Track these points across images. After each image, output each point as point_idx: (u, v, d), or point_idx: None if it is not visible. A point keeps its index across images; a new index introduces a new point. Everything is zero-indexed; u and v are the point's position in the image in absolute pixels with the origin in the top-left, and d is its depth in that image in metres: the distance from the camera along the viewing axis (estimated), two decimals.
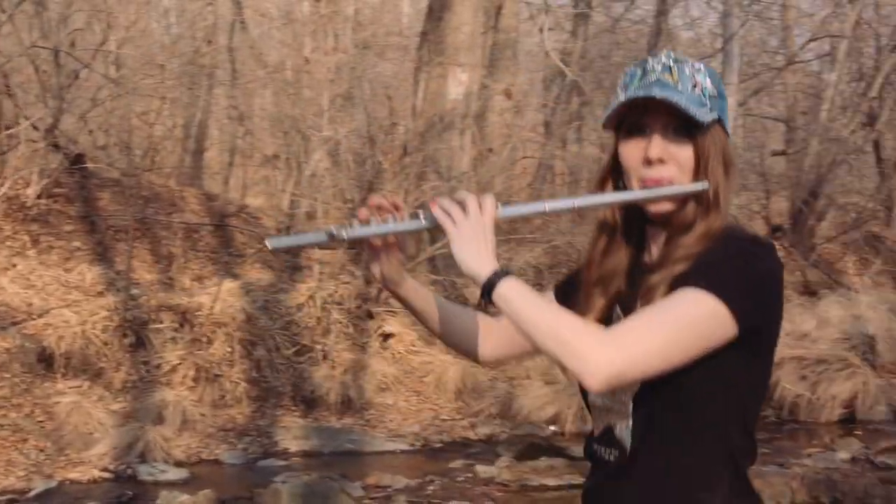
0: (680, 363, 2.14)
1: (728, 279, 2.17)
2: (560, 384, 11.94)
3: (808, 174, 18.86)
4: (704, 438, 2.26)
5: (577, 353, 2.09)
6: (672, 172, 2.29)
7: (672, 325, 2.13)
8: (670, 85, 2.27)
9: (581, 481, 7.12)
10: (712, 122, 2.29)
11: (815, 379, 12.29)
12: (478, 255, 2.23)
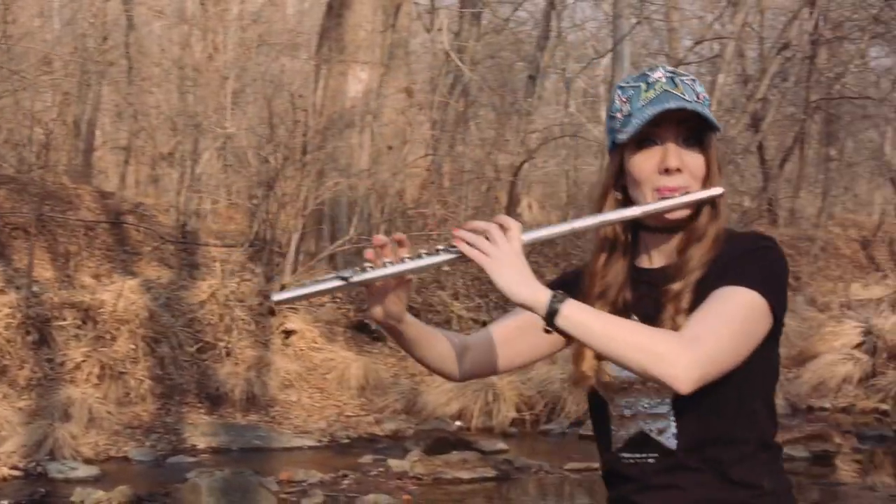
0: (745, 356, 2.22)
1: (759, 275, 2.26)
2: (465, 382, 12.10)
3: None
4: (744, 426, 2.34)
5: (665, 360, 2.12)
6: (687, 181, 2.32)
7: (735, 323, 2.20)
8: (678, 96, 2.31)
9: (492, 474, 7.26)
10: (716, 131, 2.38)
11: None
12: (524, 282, 2.20)
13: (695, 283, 2.29)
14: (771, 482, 2.34)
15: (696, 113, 2.28)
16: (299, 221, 13.17)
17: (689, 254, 2.34)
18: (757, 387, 2.34)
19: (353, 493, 9.00)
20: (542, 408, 12.16)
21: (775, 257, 2.31)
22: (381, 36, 14.39)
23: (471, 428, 11.67)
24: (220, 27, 16.03)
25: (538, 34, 20.77)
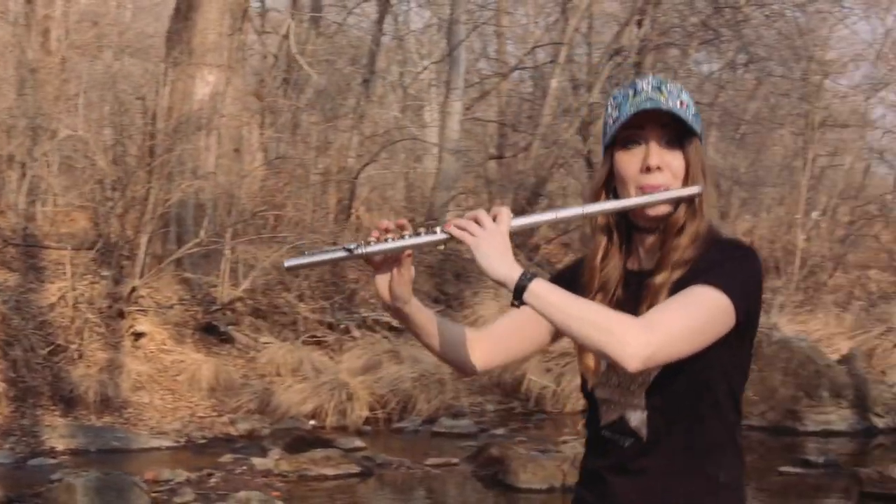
0: (698, 348, 2.45)
1: (730, 278, 2.49)
2: (318, 380, 12.43)
3: (530, 176, 20.00)
4: (709, 420, 2.59)
5: (618, 339, 2.34)
6: (667, 179, 2.58)
7: (693, 315, 2.44)
8: (662, 102, 2.57)
9: (356, 470, 7.61)
10: (697, 135, 2.62)
11: (560, 371, 13.22)
12: (502, 262, 2.46)
13: (675, 281, 2.55)
14: (726, 475, 2.64)
15: (675, 116, 2.56)
16: (147, 224, 13.26)
17: (669, 247, 2.59)
18: (724, 385, 2.61)
19: (223, 491, 9.18)
20: (394, 406, 12.53)
21: (750, 265, 2.56)
22: (228, 39, 14.56)
23: (325, 426, 11.92)
24: (55, 27, 15.99)
25: (372, 38, 21.15)
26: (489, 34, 23.78)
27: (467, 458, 10.70)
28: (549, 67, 21.91)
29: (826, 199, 22.53)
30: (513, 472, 9.68)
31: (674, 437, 2.60)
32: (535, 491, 9.51)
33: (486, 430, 12.11)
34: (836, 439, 12.23)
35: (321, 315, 14.67)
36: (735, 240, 2.68)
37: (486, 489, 9.88)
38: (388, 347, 13.65)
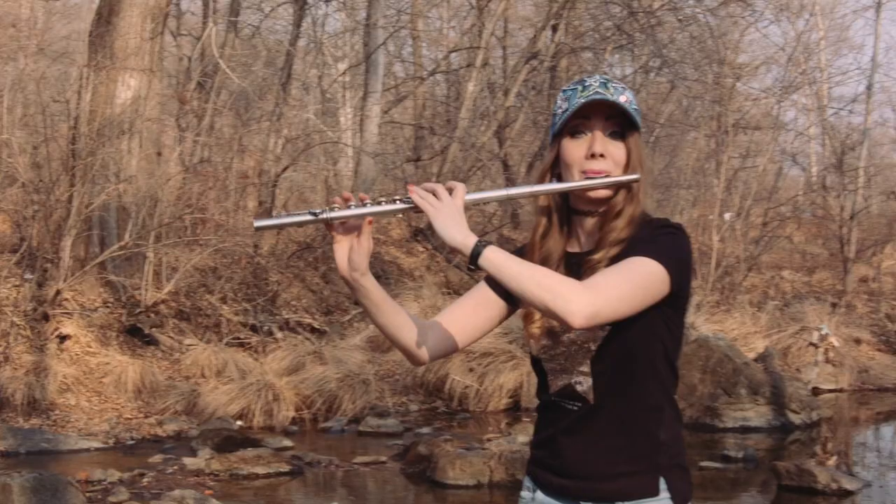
0: (637, 309, 2.72)
1: (664, 250, 2.77)
2: (245, 381, 12.64)
3: (447, 179, 20.28)
4: (649, 383, 2.88)
5: (563, 297, 2.59)
6: (609, 166, 2.86)
7: (631, 279, 2.71)
8: (608, 96, 2.84)
9: (287, 469, 7.85)
10: (638, 130, 2.92)
11: (482, 371, 13.53)
12: (458, 230, 2.69)
13: (611, 257, 2.82)
14: (666, 433, 2.91)
15: (620, 109, 2.84)
16: (71, 228, 13.35)
17: (608, 228, 2.87)
18: (661, 352, 2.88)
19: (157, 490, 9.34)
20: (319, 406, 12.77)
21: (681, 239, 2.84)
22: (149, 43, 14.68)
23: (253, 427, 12.14)
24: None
25: (289, 41, 21.34)
26: (404, 37, 24.06)
27: (395, 456, 10.98)
28: (465, 71, 22.27)
29: (739, 201, 23.02)
30: (441, 468, 9.95)
31: (617, 399, 2.88)
32: (463, 487, 9.77)
33: (412, 430, 12.36)
34: (753, 435, 12.67)
35: (244, 317, 14.84)
36: (666, 220, 2.95)
37: (414, 486, 10.13)
38: (311, 349, 13.87)
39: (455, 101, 24.46)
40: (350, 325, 16.27)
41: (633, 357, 2.85)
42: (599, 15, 22.75)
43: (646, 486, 2.88)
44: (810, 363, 15.91)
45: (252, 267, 15.69)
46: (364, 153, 18.71)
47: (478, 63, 20.84)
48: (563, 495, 2.98)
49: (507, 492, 9.75)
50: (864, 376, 16.49)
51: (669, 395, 2.96)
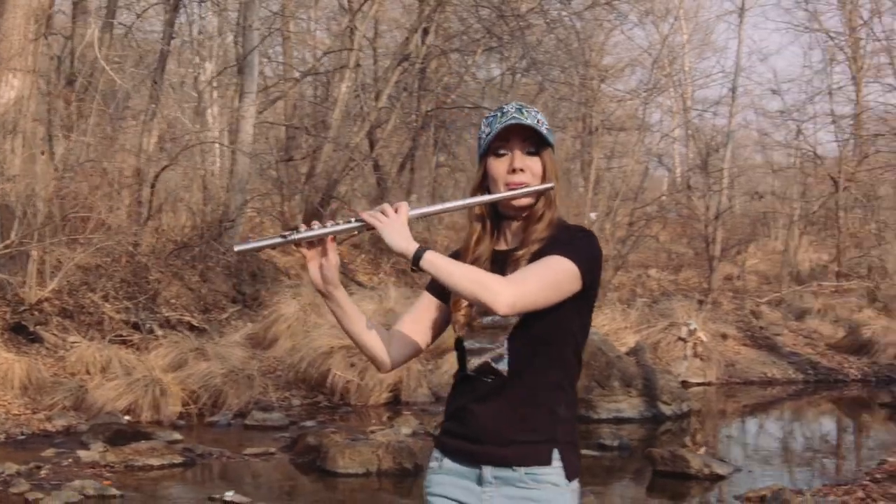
0: (552, 301, 3.24)
1: (577, 251, 3.30)
2: (132, 377, 13.05)
3: (321, 178, 20.87)
4: (556, 364, 3.39)
5: (490, 289, 3.13)
6: (528, 178, 3.40)
7: (547, 275, 3.24)
8: (523, 120, 3.39)
9: (180, 460, 8.37)
10: (550, 146, 3.47)
11: (363, 366, 14.11)
12: (402, 240, 3.22)
13: (533, 252, 3.34)
14: (564, 410, 3.41)
15: (534, 130, 3.40)
16: None
17: (531, 229, 3.41)
18: (569, 339, 3.41)
19: (56, 481, 9.65)
20: (205, 401, 13.24)
21: (593, 243, 3.40)
22: (33, 44, 14.95)
23: (141, 421, 12.50)
24: None
25: (162, 42, 21.62)
26: (274, 38, 24.47)
27: (283, 448, 11.51)
28: (336, 72, 22.83)
29: (606, 201, 23.93)
30: (331, 458, 10.51)
31: (527, 375, 3.37)
32: (353, 475, 10.35)
33: (296, 423, 12.89)
34: (627, 425, 13.48)
35: (126, 315, 15.21)
36: (580, 226, 3.52)
37: (305, 475, 10.62)
38: (193, 346, 14.27)
39: (325, 101, 25.02)
40: (227, 322, 16.76)
41: (545, 341, 3.37)
42: (468, 18, 23.46)
43: (541, 455, 3.36)
44: (679, 357, 16.84)
45: (133, 266, 16.05)
46: (240, 153, 19.12)
47: (351, 64, 21.40)
48: (468, 460, 3.44)
49: (394, 479, 10.41)
50: (730, 370, 17.53)
51: (571, 379, 3.49)
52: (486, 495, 3.41)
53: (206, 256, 17.67)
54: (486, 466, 3.41)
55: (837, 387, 17.60)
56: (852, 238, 28.69)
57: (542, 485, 3.36)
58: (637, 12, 30.92)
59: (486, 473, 3.40)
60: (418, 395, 14.36)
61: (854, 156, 29.06)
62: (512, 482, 3.38)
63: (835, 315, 21.04)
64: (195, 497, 9.68)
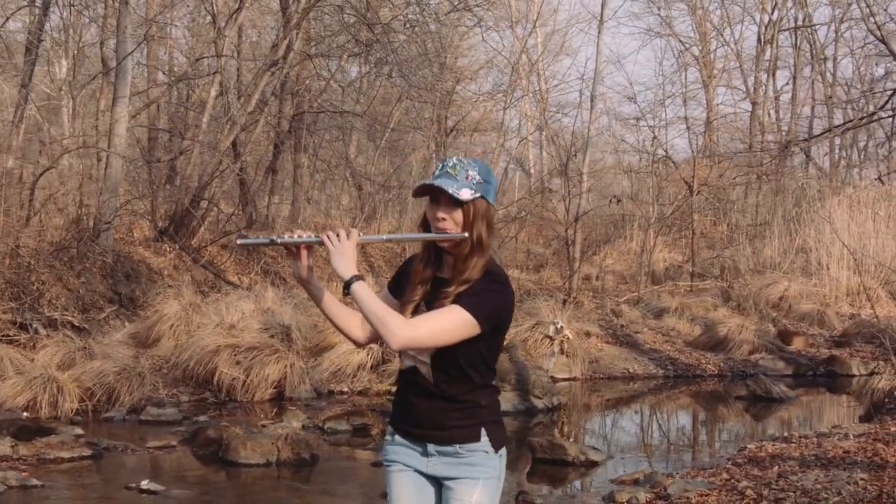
0: (443, 343, 4.14)
1: (482, 306, 4.18)
2: (30, 374, 13.80)
3: (192, 181, 21.70)
4: (471, 374, 4.31)
5: (389, 329, 4.05)
6: (451, 225, 4.26)
7: (442, 324, 4.14)
8: (452, 176, 4.24)
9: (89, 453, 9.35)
10: (473, 199, 4.24)
11: (249, 364, 15.07)
12: (345, 264, 4.17)
13: (458, 294, 4.21)
14: (486, 400, 4.40)
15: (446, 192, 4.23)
16: None
17: (459, 268, 4.29)
18: (480, 359, 4.32)
19: None
20: (100, 398, 14.03)
21: (502, 296, 4.27)
22: None
23: (40, 417, 13.22)
24: None
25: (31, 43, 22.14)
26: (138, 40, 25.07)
27: (183, 441, 12.37)
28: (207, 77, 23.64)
29: None
30: (233, 449, 11.48)
31: (448, 387, 4.33)
32: (255, 465, 11.33)
33: (189, 418, 13.74)
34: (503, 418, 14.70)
35: (12, 315, 15.90)
36: (500, 274, 4.36)
37: (208, 465, 11.49)
38: (79, 345, 15.02)
39: (187, 103, 25.80)
40: (106, 322, 17.53)
41: (458, 362, 4.29)
42: (333, 24, 24.51)
43: (472, 434, 4.35)
44: (547, 354, 18.10)
45: (16, 266, 16.71)
46: (114, 156, 19.81)
47: (219, 69, 22.26)
48: (414, 439, 4.44)
49: (293, 469, 11.45)
50: (594, 366, 18.87)
51: (487, 379, 4.43)
52: (430, 463, 4.42)
53: (83, 257, 18.33)
54: (429, 444, 4.40)
55: (696, 381, 19.12)
56: (705, 239, 30.43)
57: (475, 453, 4.36)
58: (493, 17, 32.09)
59: (430, 448, 4.40)
60: (301, 392, 15.36)
61: (706, 160, 30.67)
62: (450, 454, 4.38)
63: (691, 314, 22.57)
64: (112, 486, 10.48)
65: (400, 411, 4.52)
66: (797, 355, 20.66)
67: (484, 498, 4.34)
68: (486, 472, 4.35)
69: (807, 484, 9.66)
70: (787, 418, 15.85)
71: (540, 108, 35.77)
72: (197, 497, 10.31)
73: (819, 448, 11.71)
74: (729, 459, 11.69)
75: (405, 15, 24.41)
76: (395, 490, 4.50)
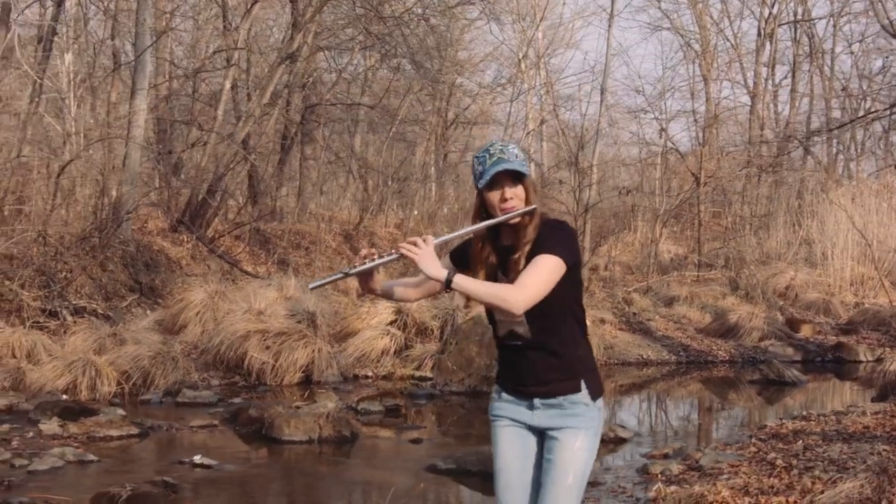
0: (550, 289, 4.57)
1: (558, 245, 4.61)
2: (68, 359, 14.38)
3: (208, 171, 22.28)
4: (563, 323, 4.77)
5: (507, 300, 4.49)
6: (517, 202, 4.70)
7: (541, 275, 4.55)
8: (505, 159, 4.67)
9: (136, 432, 9.97)
10: (528, 174, 4.77)
11: (278, 349, 15.70)
12: (434, 268, 4.56)
13: (526, 253, 4.66)
14: (581, 351, 4.83)
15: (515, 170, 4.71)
16: None
17: (521, 234, 4.71)
18: (573, 298, 4.81)
19: (32, 451, 10.85)
20: (135, 381, 14.65)
21: (567, 232, 4.68)
22: None
23: (79, 399, 13.74)
24: None
25: (45, 36, 22.72)
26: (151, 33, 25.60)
27: (225, 421, 12.99)
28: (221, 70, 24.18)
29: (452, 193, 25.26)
30: (277, 427, 12.10)
31: (544, 338, 4.77)
32: (298, 442, 11.94)
33: (223, 400, 14.39)
34: None
35: (43, 302, 16.47)
36: (557, 220, 4.82)
37: (253, 442, 12.08)
38: (109, 331, 15.61)
39: (192, 94, 26.32)
40: (128, 310, 18.13)
41: (550, 311, 4.71)
42: (341, 17, 25.08)
43: (573, 386, 4.78)
44: None
45: (43, 256, 17.30)
46: (133, 147, 20.41)
47: (234, 62, 22.83)
48: (520, 395, 4.89)
49: (334, 445, 12.02)
50: (609, 352, 19.54)
51: (582, 326, 4.89)
52: (535, 415, 4.86)
53: (105, 247, 18.90)
54: (535, 398, 4.85)
55: (708, 367, 19.84)
56: (709, 231, 31.05)
57: (577, 405, 4.78)
58: (499, 11, 32.57)
59: (535, 402, 4.85)
60: (328, 376, 16.02)
61: (710, 153, 31.25)
62: (554, 406, 4.81)
63: (701, 302, 23.29)
64: (165, 461, 11.00)
65: (505, 371, 4.97)
66: (805, 342, 21.42)
67: (585, 445, 4.76)
68: (586, 422, 4.77)
69: (832, 454, 10.31)
70: (800, 400, 16.47)
71: (545, 101, 36.20)
72: (247, 471, 10.88)
73: (839, 424, 12.34)
74: (752, 436, 12.29)
75: (415, 9, 24.96)
76: (501, 443, 4.98)
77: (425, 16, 25.15)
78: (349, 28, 25.15)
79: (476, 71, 36.66)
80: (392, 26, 23.85)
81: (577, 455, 4.76)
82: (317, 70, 26.92)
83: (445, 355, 16.05)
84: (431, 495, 10.13)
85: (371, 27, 24.11)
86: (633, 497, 9.72)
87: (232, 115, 24.78)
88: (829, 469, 9.57)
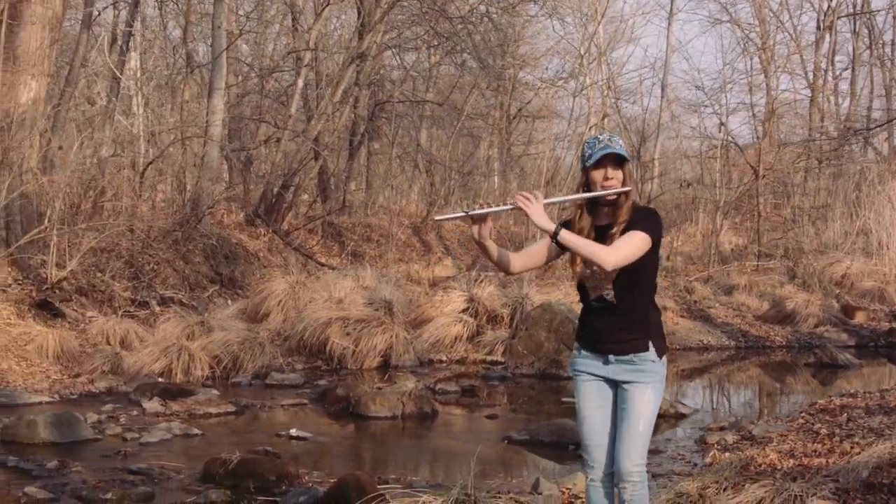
0: (636, 258, 5.50)
1: (648, 226, 5.56)
2: (162, 344, 15.53)
3: (281, 166, 23.43)
4: (642, 290, 5.72)
5: (601, 257, 5.41)
6: (616, 183, 5.62)
7: (632, 245, 5.50)
8: (613, 147, 5.61)
9: (233, 409, 11.13)
10: (628, 161, 5.76)
11: (357, 335, 16.82)
12: (545, 220, 5.43)
13: (622, 230, 5.57)
14: (653, 317, 5.81)
15: (618, 155, 5.62)
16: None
17: (618, 213, 5.64)
18: (652, 270, 5.75)
19: (140, 426, 11.95)
20: (226, 365, 15.78)
21: (656, 218, 5.64)
22: (49, 49, 17.31)
23: (175, 382, 14.85)
24: None
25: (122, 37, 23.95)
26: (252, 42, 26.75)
27: (313, 400, 14.14)
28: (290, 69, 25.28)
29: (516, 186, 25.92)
30: (363, 404, 13.24)
31: (626, 302, 5.70)
32: (383, 418, 13.08)
33: (309, 382, 15.52)
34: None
35: (133, 293, 17.67)
36: (647, 206, 5.93)
37: (341, 419, 13.22)
38: (197, 320, 16.76)
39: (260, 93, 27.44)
40: (210, 300, 19.31)
41: (634, 279, 5.67)
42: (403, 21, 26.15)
43: (642, 345, 5.72)
44: None
45: (131, 250, 18.51)
46: (210, 144, 21.60)
47: (306, 62, 23.96)
48: (598, 352, 5.80)
49: (416, 420, 13.16)
50: (671, 338, 20.27)
51: (653, 294, 5.85)
52: (610, 368, 5.77)
53: (187, 239, 20.08)
54: (610, 354, 5.77)
55: (765, 352, 20.81)
56: (768, 222, 31.80)
57: (645, 362, 5.72)
58: (562, 6, 33.41)
59: (610, 358, 5.76)
60: (405, 360, 17.14)
61: (770, 146, 32.03)
62: (626, 362, 5.73)
63: (759, 290, 24.19)
64: (263, 434, 12.08)
65: (585, 331, 5.88)
66: (859, 328, 22.37)
67: (652, 396, 5.70)
68: (653, 377, 5.71)
69: (872, 424, 11.32)
70: (852, 381, 17.36)
71: (607, 96, 36.95)
72: (339, 442, 12.04)
73: (882, 400, 13.28)
74: (802, 411, 13.23)
75: (479, 7, 25.98)
76: (583, 395, 5.88)
77: (489, 14, 26.12)
78: (415, 27, 26.17)
79: (538, 65, 37.53)
80: (457, 24, 24.85)
81: (647, 406, 5.70)
82: (384, 68, 27.97)
83: (516, 340, 17.15)
84: (511, 461, 11.16)
85: (437, 26, 25.14)
86: (691, 462, 10.80)
87: (301, 111, 25.86)
88: (868, 436, 10.53)
